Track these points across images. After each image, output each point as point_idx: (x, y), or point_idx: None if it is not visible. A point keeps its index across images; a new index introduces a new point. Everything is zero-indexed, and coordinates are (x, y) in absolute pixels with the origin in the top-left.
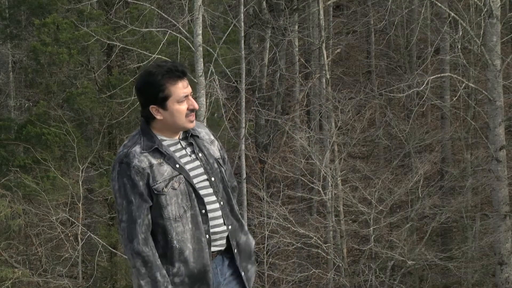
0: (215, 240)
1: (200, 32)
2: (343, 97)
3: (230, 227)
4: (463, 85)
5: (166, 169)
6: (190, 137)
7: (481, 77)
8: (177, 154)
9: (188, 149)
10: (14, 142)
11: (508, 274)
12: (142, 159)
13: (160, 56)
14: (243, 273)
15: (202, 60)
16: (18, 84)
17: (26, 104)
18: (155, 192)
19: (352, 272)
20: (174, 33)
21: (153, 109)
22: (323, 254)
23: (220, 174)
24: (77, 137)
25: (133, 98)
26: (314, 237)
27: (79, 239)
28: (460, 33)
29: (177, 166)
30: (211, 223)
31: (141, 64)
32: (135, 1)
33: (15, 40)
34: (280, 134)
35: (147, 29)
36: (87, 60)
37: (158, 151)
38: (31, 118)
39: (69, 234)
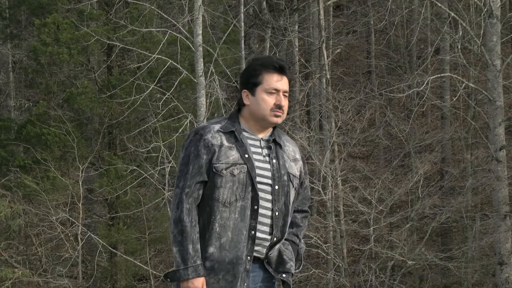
0: (258, 244)
1: (200, 32)
2: (343, 97)
3: (275, 239)
4: (463, 85)
5: (234, 154)
6: (272, 141)
7: (481, 77)
8: (252, 149)
9: (265, 151)
10: (14, 142)
11: (508, 274)
12: (216, 136)
13: (160, 56)
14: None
15: (202, 60)
16: (18, 84)
17: (26, 104)
18: (214, 170)
19: (352, 272)
20: (174, 33)
21: (244, 93)
22: (323, 254)
23: (287, 188)
24: (77, 137)
25: (133, 98)
26: (314, 237)
27: (79, 239)
28: (460, 33)
29: (246, 156)
30: (259, 227)
31: (141, 64)
32: (135, 1)
33: (15, 40)
34: None
35: (147, 29)
36: (87, 60)
37: (234, 135)
38: (31, 118)
39: (69, 234)
